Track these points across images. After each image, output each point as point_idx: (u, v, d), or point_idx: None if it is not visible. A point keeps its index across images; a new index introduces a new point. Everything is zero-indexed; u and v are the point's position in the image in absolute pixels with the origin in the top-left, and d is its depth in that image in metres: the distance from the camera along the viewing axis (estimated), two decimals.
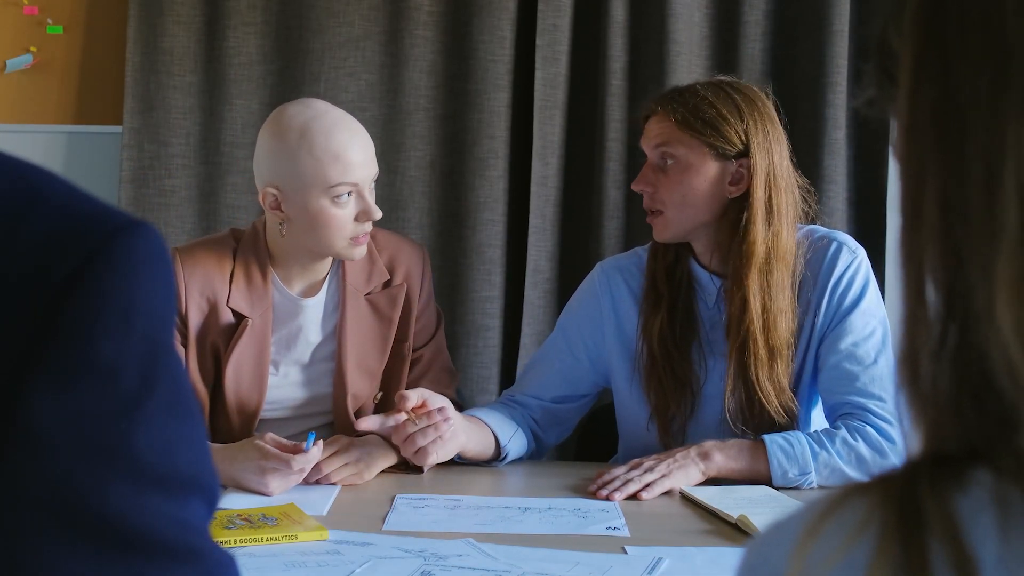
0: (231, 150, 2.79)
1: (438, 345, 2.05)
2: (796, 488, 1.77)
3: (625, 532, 1.56)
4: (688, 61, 2.73)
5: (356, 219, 1.85)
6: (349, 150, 1.82)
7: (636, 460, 1.82)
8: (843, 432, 1.79)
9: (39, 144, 2.87)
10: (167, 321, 0.63)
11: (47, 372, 0.57)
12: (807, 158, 2.51)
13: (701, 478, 1.79)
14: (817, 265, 1.90)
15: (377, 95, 2.80)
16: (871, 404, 1.81)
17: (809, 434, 1.81)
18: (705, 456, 1.79)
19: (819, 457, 1.77)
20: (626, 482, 1.74)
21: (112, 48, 2.86)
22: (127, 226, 0.61)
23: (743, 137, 1.85)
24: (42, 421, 0.57)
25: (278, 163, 1.83)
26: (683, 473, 1.77)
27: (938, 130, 0.54)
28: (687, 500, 1.73)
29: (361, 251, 1.90)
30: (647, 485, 1.74)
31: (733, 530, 1.57)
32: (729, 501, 1.66)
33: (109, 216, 0.61)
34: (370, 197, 1.86)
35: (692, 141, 1.85)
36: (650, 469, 1.77)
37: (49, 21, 2.87)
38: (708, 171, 1.85)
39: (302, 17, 2.80)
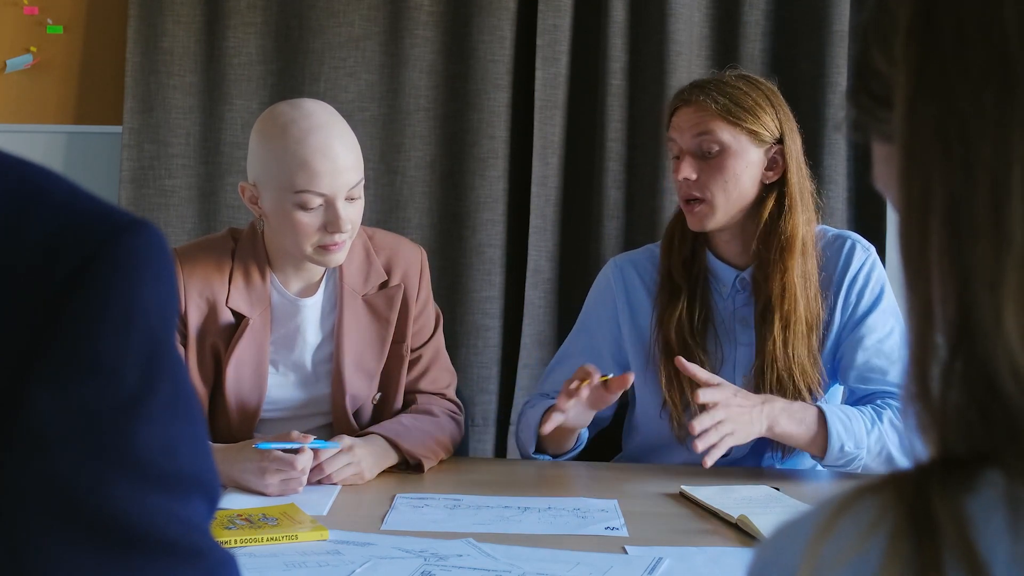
0: (231, 150, 2.79)
1: (437, 345, 2.05)
2: (842, 467, 1.81)
3: (624, 532, 1.56)
4: (688, 61, 2.73)
5: (323, 228, 1.81)
6: (317, 158, 1.78)
7: (716, 394, 1.76)
8: (889, 412, 1.83)
9: (39, 144, 2.87)
10: (169, 320, 0.63)
11: (49, 370, 0.58)
12: (807, 158, 2.50)
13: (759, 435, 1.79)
14: (833, 263, 1.95)
15: (377, 95, 2.80)
16: None
17: (860, 409, 1.84)
18: (771, 418, 1.78)
19: (872, 433, 1.81)
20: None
21: (112, 48, 2.86)
22: (129, 225, 0.61)
23: (778, 124, 1.91)
24: (43, 419, 0.57)
25: (257, 160, 1.84)
26: (745, 434, 1.76)
27: (942, 145, 0.53)
28: (687, 500, 1.73)
29: (335, 259, 1.85)
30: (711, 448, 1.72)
31: (733, 530, 1.57)
32: (729, 501, 1.66)
33: (111, 215, 0.61)
34: (345, 207, 1.80)
35: (734, 128, 1.88)
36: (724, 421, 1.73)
37: (49, 21, 2.87)
38: (750, 157, 1.90)
39: (302, 17, 2.80)
